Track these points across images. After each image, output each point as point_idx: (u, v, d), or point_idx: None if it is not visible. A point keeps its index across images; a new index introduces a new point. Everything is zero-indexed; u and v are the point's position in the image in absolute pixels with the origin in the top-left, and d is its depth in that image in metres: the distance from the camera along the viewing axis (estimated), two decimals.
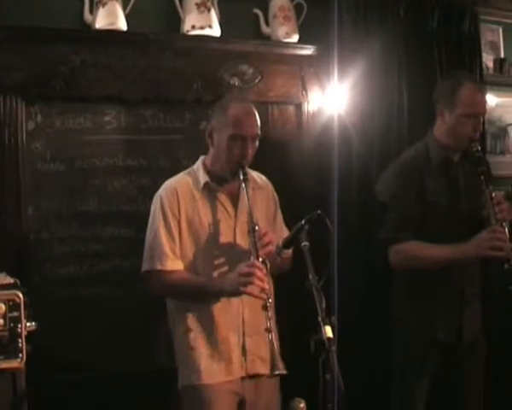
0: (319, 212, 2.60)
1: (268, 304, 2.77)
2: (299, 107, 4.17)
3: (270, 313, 2.78)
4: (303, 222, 2.65)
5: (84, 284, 3.67)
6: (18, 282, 2.72)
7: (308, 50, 4.14)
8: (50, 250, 3.62)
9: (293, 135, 4.17)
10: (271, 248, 2.86)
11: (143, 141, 3.82)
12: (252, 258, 2.84)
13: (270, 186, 3.28)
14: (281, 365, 2.69)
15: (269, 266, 2.87)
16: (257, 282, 2.76)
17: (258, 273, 2.76)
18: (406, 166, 3.43)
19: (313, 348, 2.31)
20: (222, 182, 3.05)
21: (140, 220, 3.33)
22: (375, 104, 4.20)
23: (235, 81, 3.96)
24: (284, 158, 4.12)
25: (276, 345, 2.74)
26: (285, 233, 3.09)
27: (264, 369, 2.99)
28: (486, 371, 3.53)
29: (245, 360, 3.02)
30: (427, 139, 3.48)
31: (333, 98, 4.16)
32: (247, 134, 2.96)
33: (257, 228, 2.86)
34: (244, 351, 3.02)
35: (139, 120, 3.81)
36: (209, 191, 3.05)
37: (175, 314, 3.11)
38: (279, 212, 3.29)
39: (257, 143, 3.03)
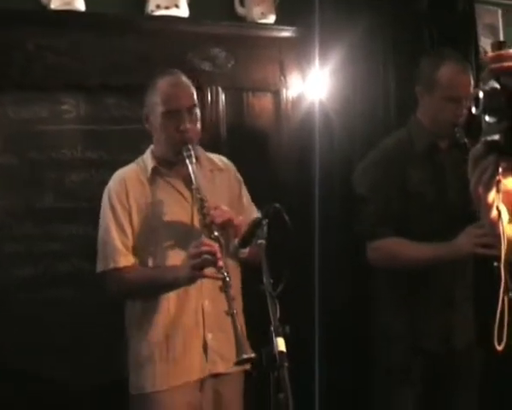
0: (276, 205, 2.30)
1: (227, 283, 2.53)
2: (277, 94, 3.86)
3: (231, 293, 2.53)
4: (260, 217, 2.35)
5: (39, 287, 3.38)
6: None
7: (287, 32, 3.82)
8: (2, 250, 3.33)
9: (270, 124, 3.86)
10: (220, 220, 2.63)
11: (105, 132, 3.52)
12: (202, 237, 2.63)
13: (231, 167, 3.07)
14: (247, 349, 2.46)
15: (223, 242, 2.65)
16: (207, 259, 2.54)
17: (208, 250, 2.54)
18: (386, 154, 3.14)
19: (265, 363, 2.02)
20: (171, 165, 2.84)
21: None
22: (359, 90, 3.88)
23: (206, 66, 3.66)
24: (261, 149, 3.83)
25: (240, 328, 2.51)
26: (254, 214, 2.84)
27: (226, 368, 2.78)
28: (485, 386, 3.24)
29: (206, 359, 2.79)
30: (410, 125, 3.19)
31: (314, 84, 3.86)
32: (180, 107, 2.76)
33: (206, 204, 2.63)
34: (205, 349, 2.78)
35: (100, 109, 3.51)
36: (159, 177, 2.85)
37: (129, 315, 2.90)
38: (244, 192, 3.06)
39: (197, 114, 2.82)
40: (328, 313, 3.69)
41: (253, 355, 2.43)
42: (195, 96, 2.84)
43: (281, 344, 2.00)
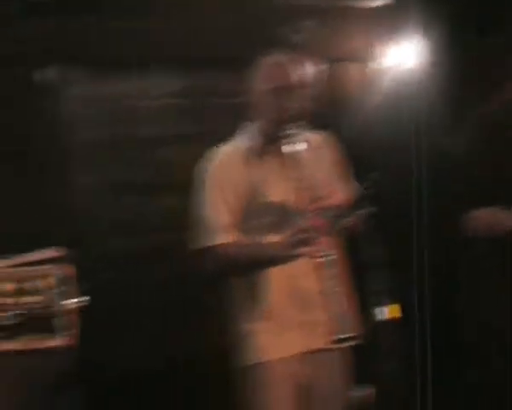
0: (375, 175, 2.27)
1: (325, 262, 2.51)
2: (370, 65, 3.83)
3: (329, 272, 2.51)
4: (360, 188, 2.33)
5: (136, 260, 3.47)
6: (67, 256, 2.66)
7: (379, 2, 3.79)
8: (99, 224, 3.43)
9: (363, 96, 3.82)
10: (326, 202, 2.57)
11: (199, 106, 3.58)
12: (304, 216, 2.58)
13: (331, 142, 2.97)
14: (348, 327, 2.42)
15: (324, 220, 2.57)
16: (308, 236, 2.50)
17: (308, 228, 2.51)
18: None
19: (369, 333, 2.01)
20: (272, 143, 2.77)
21: None
22: (455, 61, 3.78)
23: (298, 38, 3.63)
24: (353, 122, 3.77)
25: (339, 307, 2.47)
26: (354, 189, 2.78)
27: (326, 344, 2.66)
28: None
29: (305, 333, 2.73)
30: None
31: (408, 55, 3.80)
32: (283, 85, 2.67)
33: (307, 183, 2.59)
34: (303, 323, 2.74)
35: (194, 83, 3.57)
36: (259, 154, 2.79)
37: (229, 290, 2.88)
38: (344, 165, 2.95)
39: (304, 92, 2.71)
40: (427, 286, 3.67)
41: (352, 334, 2.40)
42: (305, 75, 2.74)
43: (386, 313, 1.99)
